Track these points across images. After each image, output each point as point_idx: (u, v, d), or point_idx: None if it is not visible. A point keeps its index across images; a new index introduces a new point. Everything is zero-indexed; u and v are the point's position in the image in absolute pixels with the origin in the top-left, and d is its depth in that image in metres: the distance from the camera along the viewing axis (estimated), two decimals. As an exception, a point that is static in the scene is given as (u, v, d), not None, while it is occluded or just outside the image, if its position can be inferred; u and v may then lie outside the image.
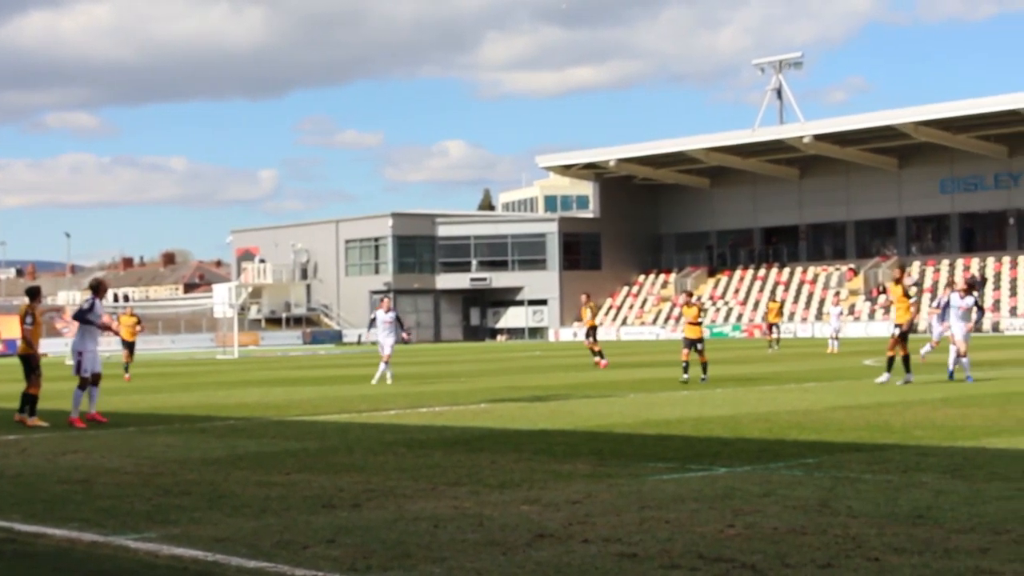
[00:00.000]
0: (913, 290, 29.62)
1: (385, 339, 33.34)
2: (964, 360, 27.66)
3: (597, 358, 41.38)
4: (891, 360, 27.24)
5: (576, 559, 8.46)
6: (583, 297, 45.18)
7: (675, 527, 9.56)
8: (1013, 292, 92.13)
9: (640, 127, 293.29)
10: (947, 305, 29.29)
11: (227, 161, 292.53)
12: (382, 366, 33.17)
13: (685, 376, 29.89)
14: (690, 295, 32.49)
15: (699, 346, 30.60)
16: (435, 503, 11.09)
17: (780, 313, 58.89)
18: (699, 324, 31.03)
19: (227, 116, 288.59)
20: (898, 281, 27.96)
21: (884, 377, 27.01)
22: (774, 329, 57.05)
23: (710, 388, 27.82)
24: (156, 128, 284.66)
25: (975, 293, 29.14)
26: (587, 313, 43.31)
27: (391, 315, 33.80)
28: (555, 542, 9.09)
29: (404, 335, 34.34)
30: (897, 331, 27.19)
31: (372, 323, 34.32)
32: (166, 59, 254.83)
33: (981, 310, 28.81)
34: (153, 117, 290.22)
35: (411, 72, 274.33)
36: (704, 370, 30.52)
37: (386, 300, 34.70)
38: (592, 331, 42.81)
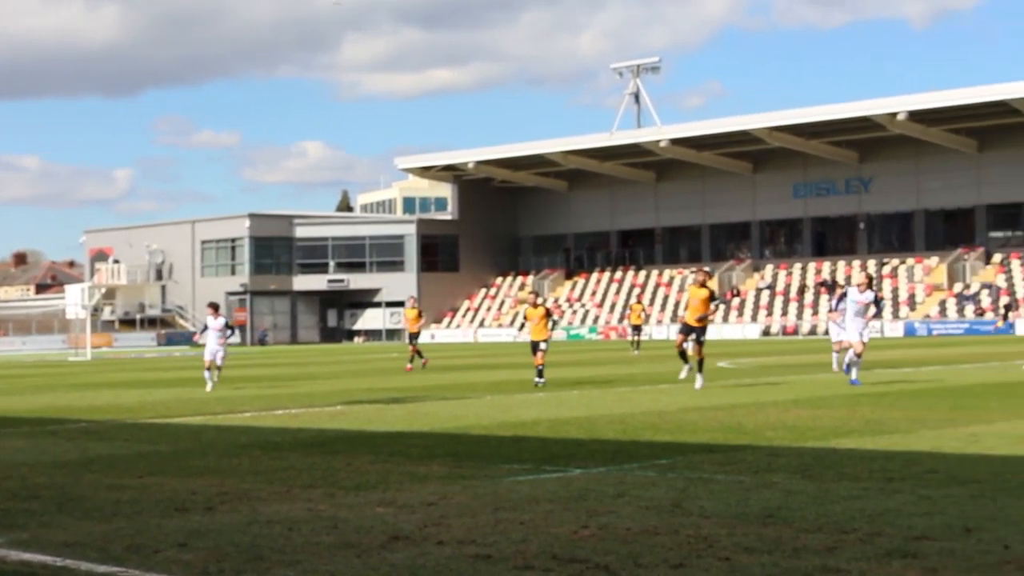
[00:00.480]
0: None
1: (215, 346, 31.99)
2: (856, 360, 26.63)
3: (410, 363, 41.16)
4: (693, 362, 26.95)
5: (431, 561, 8.45)
6: (410, 300, 45.07)
7: (529, 528, 9.59)
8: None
9: (499, 130, 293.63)
10: (843, 297, 28.01)
11: (81, 160, 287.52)
12: (214, 373, 31.93)
13: (538, 380, 29.69)
14: (536, 295, 32.31)
15: (542, 346, 30.26)
16: (289, 506, 11.02)
17: (642, 316, 59.38)
18: (547, 326, 30.58)
19: (81, 115, 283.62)
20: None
21: (699, 382, 26.67)
22: (636, 331, 57.60)
23: (566, 390, 27.94)
24: (7, 126, 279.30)
25: (875, 287, 28.07)
26: (415, 318, 43.04)
27: (220, 321, 32.39)
28: (410, 544, 9.08)
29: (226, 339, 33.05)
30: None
31: (204, 329, 33.19)
32: (18, 56, 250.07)
33: (880, 306, 27.79)
34: (4, 115, 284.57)
35: (269, 72, 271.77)
36: (539, 373, 29.82)
37: (211, 307, 33.52)
38: (415, 335, 42.58)
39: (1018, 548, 8.43)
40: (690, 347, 27.10)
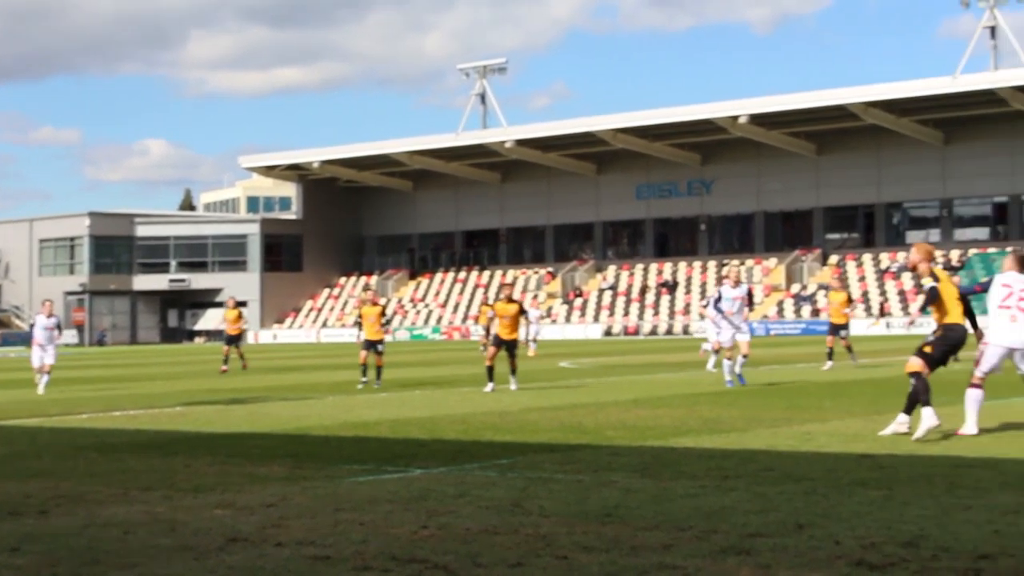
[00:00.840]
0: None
1: (46, 347, 30.63)
2: (739, 360, 26.16)
3: (225, 364, 40.17)
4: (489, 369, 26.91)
5: (269, 563, 8.41)
6: (230, 301, 44.04)
7: (369, 529, 9.59)
8: (703, 296, 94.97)
9: (346, 129, 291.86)
10: (719, 299, 27.11)
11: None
12: (44, 378, 30.39)
13: (363, 380, 29.52)
14: (375, 293, 32.20)
15: (379, 347, 30.17)
16: (126, 508, 10.87)
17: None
18: (384, 326, 30.58)
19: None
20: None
21: (514, 384, 26.79)
22: (486, 332, 57.66)
23: (408, 390, 27.94)
24: None
25: (744, 283, 27.51)
26: (237, 320, 42.23)
27: (52, 320, 31.01)
28: (248, 546, 9.02)
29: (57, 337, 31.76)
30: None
31: (32, 327, 31.94)
32: None
33: (751, 301, 27.48)
34: None
35: (112, 69, 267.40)
36: (378, 375, 29.89)
37: (48, 303, 32.36)
38: (236, 338, 41.60)
39: (849, 544, 8.62)
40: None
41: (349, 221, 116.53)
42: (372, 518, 10.07)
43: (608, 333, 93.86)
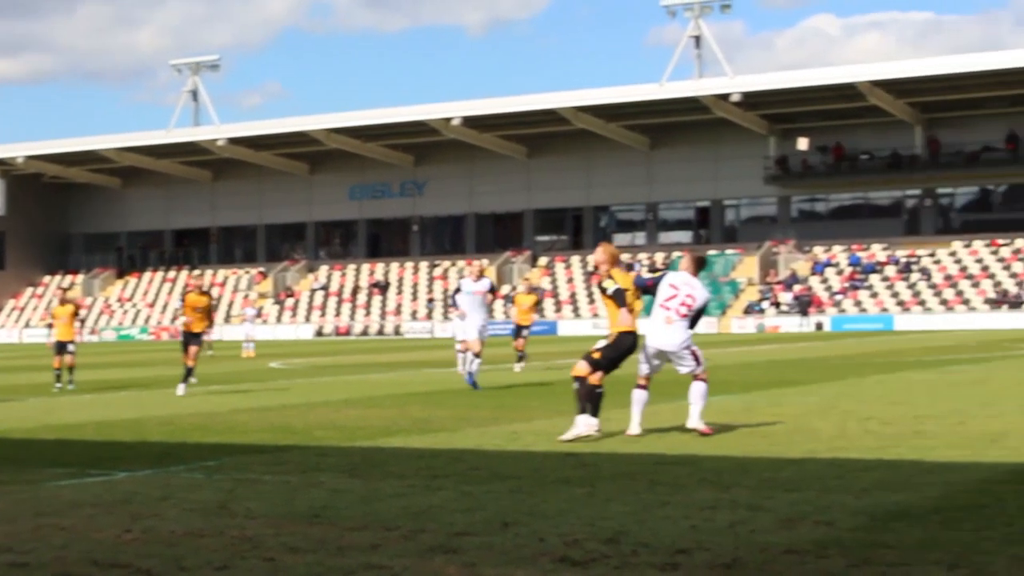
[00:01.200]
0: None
1: None
2: (476, 361, 24.99)
3: None
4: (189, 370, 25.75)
5: (-37, 570, 8.16)
6: None
7: (71, 534, 9.36)
8: (415, 296, 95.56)
9: (53, 124, 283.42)
10: (458, 292, 26.28)
11: None
12: None
13: (58, 385, 28.48)
14: (64, 291, 31.33)
15: (70, 348, 29.04)
16: None
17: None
18: (75, 326, 29.63)
19: None
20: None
21: (181, 389, 25.38)
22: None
23: (114, 391, 27.40)
24: None
25: (487, 276, 26.50)
26: None
27: None
28: (-59, 554, 8.73)
29: None
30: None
31: None
32: None
33: (494, 294, 26.20)
34: None
35: None
36: (71, 373, 28.89)
37: None
38: None
39: (552, 541, 8.76)
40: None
41: (55, 218, 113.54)
42: (74, 523, 9.84)
43: (319, 333, 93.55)
